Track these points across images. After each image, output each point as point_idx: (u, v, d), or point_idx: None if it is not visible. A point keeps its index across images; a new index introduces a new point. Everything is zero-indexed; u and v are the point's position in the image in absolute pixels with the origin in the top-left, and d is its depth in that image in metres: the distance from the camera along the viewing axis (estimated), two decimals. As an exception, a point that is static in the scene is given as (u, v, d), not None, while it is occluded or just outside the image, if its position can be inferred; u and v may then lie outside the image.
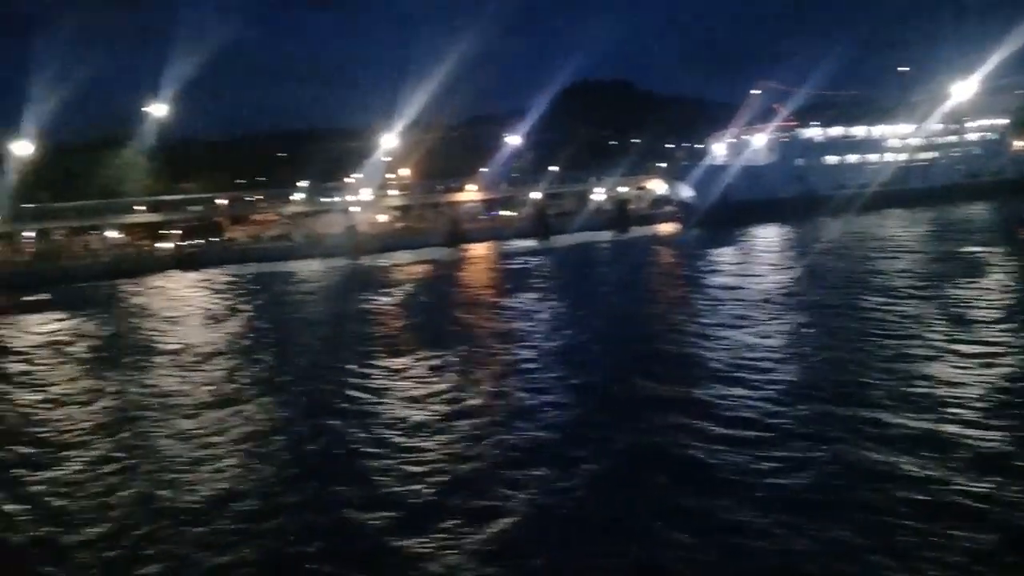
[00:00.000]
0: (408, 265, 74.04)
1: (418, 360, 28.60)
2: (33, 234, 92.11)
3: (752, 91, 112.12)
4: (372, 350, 31.61)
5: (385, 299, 50.04)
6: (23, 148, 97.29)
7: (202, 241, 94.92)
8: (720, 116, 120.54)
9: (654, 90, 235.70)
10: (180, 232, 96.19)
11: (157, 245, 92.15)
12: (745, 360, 24.07)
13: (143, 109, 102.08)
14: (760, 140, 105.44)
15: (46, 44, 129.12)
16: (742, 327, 29.50)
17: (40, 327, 49.95)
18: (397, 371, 27.21)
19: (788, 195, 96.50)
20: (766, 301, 35.55)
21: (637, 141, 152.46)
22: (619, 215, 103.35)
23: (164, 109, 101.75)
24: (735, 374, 22.48)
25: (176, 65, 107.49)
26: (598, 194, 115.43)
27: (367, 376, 26.69)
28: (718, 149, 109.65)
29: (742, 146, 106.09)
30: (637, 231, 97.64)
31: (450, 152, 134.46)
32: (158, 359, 33.79)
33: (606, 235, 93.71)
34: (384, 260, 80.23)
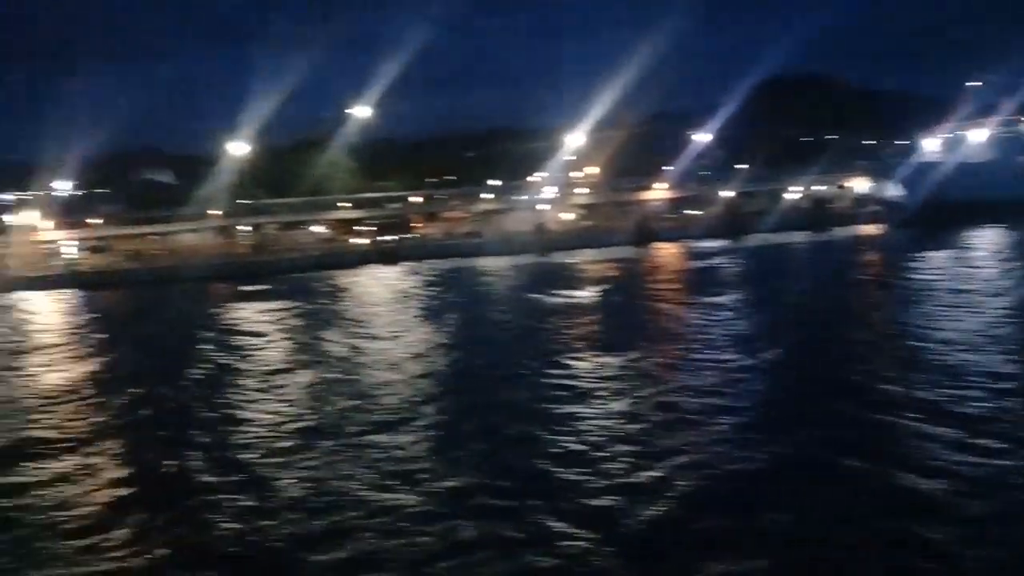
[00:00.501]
0: (596, 263, 73.76)
1: (613, 361, 28.03)
2: (249, 228, 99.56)
3: (969, 84, 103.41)
4: (565, 348, 31.41)
5: (575, 297, 49.97)
6: (239, 148, 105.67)
7: (395, 237, 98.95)
8: (927, 111, 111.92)
9: (852, 85, 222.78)
10: (374, 228, 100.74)
11: (352, 240, 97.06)
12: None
13: (347, 111, 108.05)
14: (979, 136, 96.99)
15: (259, 52, 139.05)
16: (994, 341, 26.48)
17: (264, 312, 53.81)
18: (592, 371, 26.81)
19: (1009, 195, 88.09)
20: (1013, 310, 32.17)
21: (834, 137, 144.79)
22: (817, 214, 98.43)
23: (367, 111, 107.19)
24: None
25: (376, 69, 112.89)
26: (793, 193, 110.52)
27: (566, 375, 26.49)
28: (930, 146, 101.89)
29: (957, 142, 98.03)
30: (837, 231, 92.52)
31: (636, 150, 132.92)
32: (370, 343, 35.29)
33: (802, 235, 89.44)
34: (571, 258, 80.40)
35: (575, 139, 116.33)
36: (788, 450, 16.83)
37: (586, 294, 51.70)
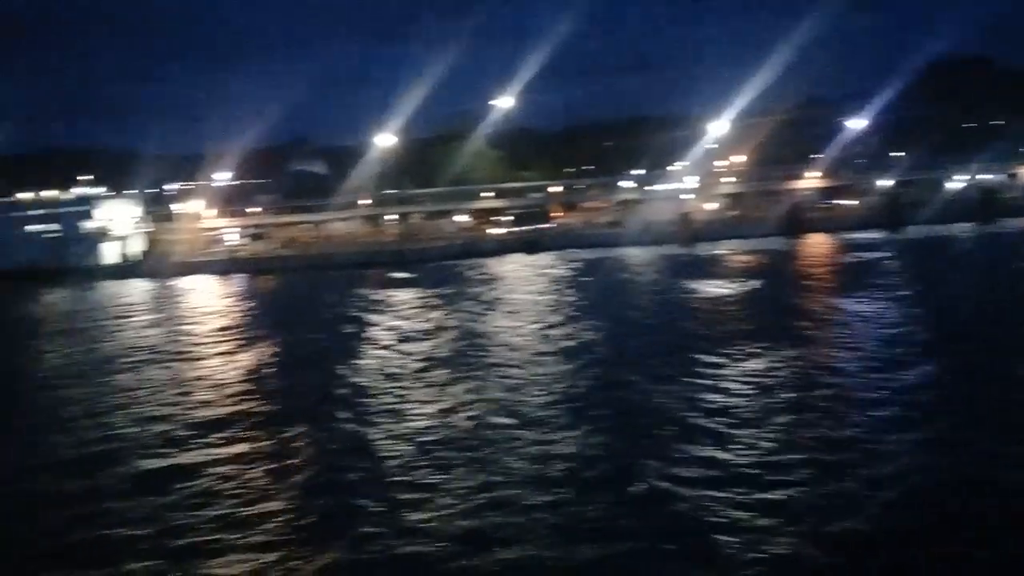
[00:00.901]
0: (745, 255, 71.62)
1: (766, 356, 27.02)
2: (395, 217, 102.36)
3: None
4: (713, 343, 30.56)
5: (724, 290, 48.61)
6: (386, 140, 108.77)
7: (534, 226, 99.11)
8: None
9: (1019, 67, 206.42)
10: (513, 217, 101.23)
11: (491, 230, 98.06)
12: None
13: (490, 102, 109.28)
14: None
15: (405, 46, 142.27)
16: None
17: (420, 298, 55.24)
18: (739, 364, 25.96)
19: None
20: None
21: (1001, 123, 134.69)
22: (984, 205, 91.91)
23: (509, 102, 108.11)
24: None
25: (519, 60, 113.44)
26: (956, 182, 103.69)
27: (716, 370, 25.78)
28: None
29: None
30: (1006, 222, 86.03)
31: (785, 137, 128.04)
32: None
33: (968, 227, 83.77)
34: (718, 249, 78.33)
35: (719, 127, 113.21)
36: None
37: (739, 287, 50.20)
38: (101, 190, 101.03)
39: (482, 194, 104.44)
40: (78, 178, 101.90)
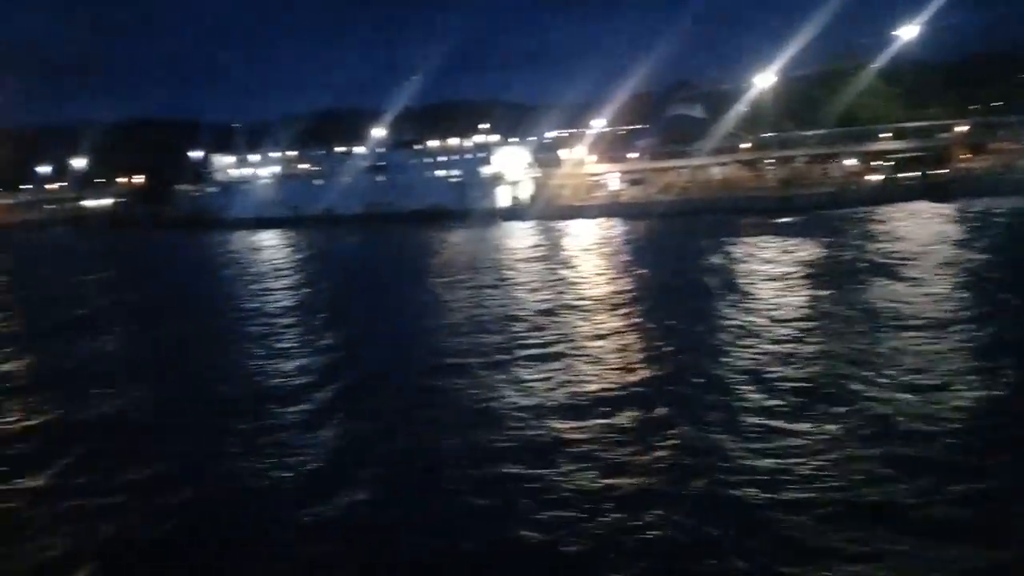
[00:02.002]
0: None
1: None
2: (776, 161, 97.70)
3: None
4: None
5: None
6: (766, 80, 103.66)
7: (921, 171, 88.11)
8: None
9: None
10: (891, 163, 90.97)
11: (867, 177, 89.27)
12: None
13: (889, 33, 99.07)
14: None
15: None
16: None
17: (793, 249, 52.33)
18: None
19: None
20: None
21: None
22: None
23: (913, 31, 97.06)
24: None
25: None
26: None
27: None
28: None
29: None
30: None
31: None
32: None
33: None
34: None
35: None
36: None
37: None
38: (496, 138, 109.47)
39: (878, 135, 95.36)
40: (479, 127, 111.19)
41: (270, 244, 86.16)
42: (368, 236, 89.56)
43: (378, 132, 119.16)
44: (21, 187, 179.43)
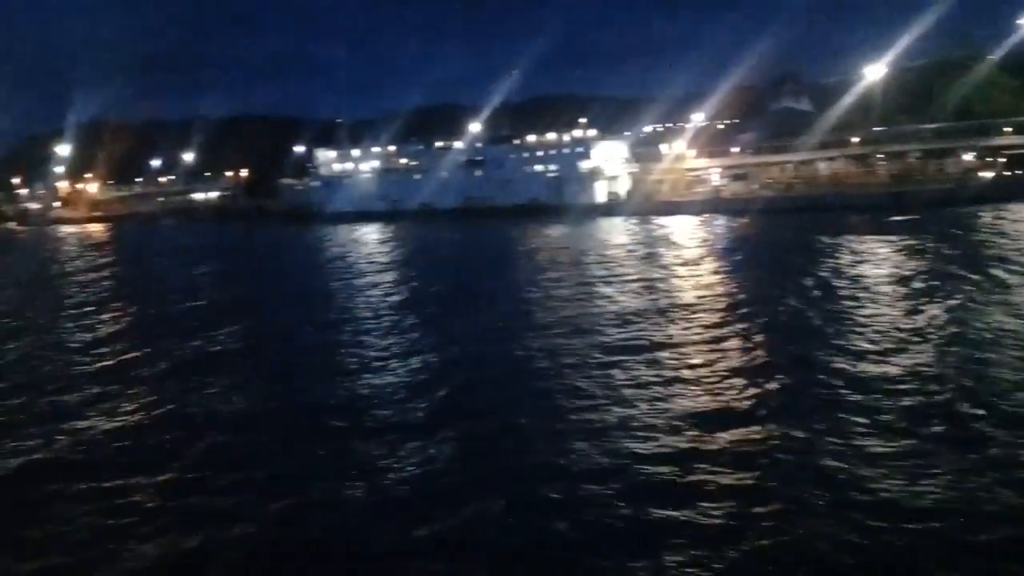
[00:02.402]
0: None
1: None
2: (887, 156, 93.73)
3: None
4: None
5: None
6: (876, 72, 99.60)
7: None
8: None
9: None
10: (1003, 159, 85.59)
11: (980, 173, 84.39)
12: None
13: (1012, 22, 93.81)
14: None
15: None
16: None
17: (912, 251, 49.96)
18: None
19: None
20: None
21: None
22: None
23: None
24: None
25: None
26: None
27: None
28: None
29: None
30: None
31: None
32: None
33: None
34: None
35: None
36: None
37: None
38: (594, 133, 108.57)
39: (1003, 129, 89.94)
40: (577, 121, 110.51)
41: (372, 238, 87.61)
42: (467, 231, 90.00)
43: (476, 127, 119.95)
44: (134, 180, 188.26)
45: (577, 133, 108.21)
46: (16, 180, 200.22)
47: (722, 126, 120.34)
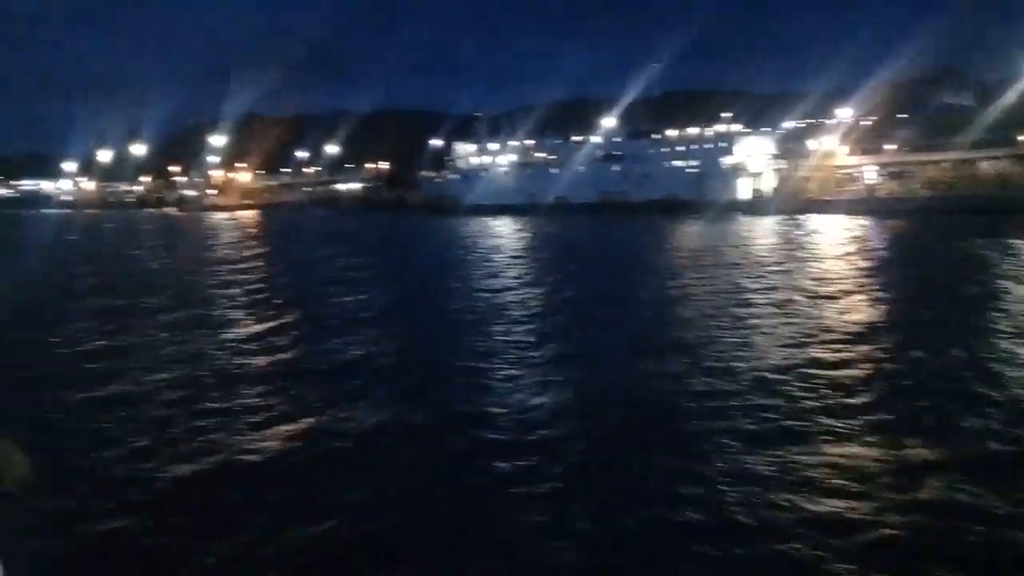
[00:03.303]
0: None
1: None
2: None
3: None
4: None
5: None
6: None
7: None
8: None
9: None
10: None
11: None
12: None
13: None
14: None
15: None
16: None
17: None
18: None
19: None
20: None
21: None
22: None
23: None
24: None
25: None
26: None
27: None
28: None
29: None
30: None
31: None
32: None
33: None
34: None
35: None
36: None
37: None
38: (738, 128, 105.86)
39: None
40: (720, 116, 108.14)
41: (510, 231, 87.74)
42: (604, 226, 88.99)
43: (612, 122, 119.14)
44: (281, 170, 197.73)
45: (720, 128, 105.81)
46: (174, 168, 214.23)
47: (876, 121, 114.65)
